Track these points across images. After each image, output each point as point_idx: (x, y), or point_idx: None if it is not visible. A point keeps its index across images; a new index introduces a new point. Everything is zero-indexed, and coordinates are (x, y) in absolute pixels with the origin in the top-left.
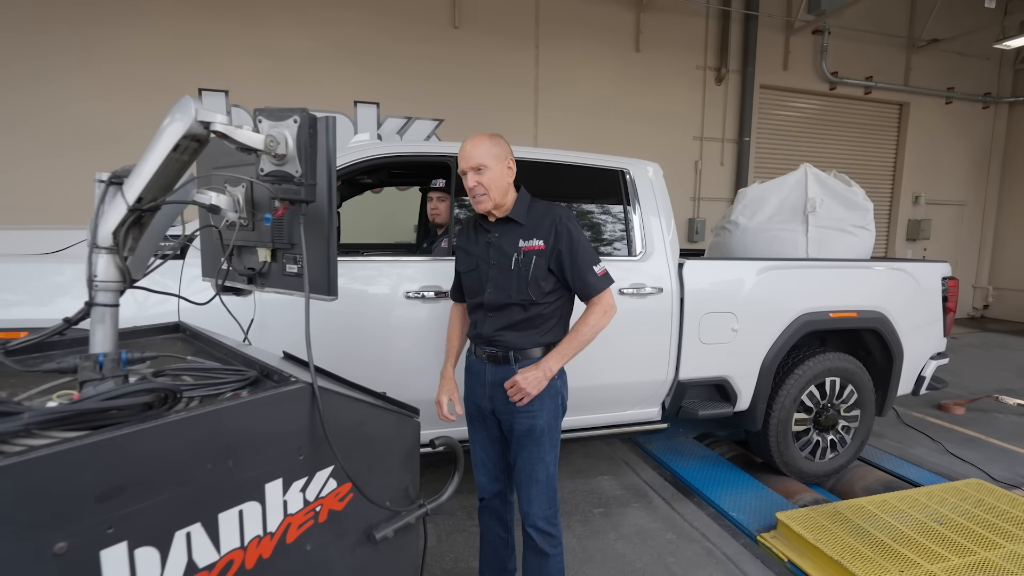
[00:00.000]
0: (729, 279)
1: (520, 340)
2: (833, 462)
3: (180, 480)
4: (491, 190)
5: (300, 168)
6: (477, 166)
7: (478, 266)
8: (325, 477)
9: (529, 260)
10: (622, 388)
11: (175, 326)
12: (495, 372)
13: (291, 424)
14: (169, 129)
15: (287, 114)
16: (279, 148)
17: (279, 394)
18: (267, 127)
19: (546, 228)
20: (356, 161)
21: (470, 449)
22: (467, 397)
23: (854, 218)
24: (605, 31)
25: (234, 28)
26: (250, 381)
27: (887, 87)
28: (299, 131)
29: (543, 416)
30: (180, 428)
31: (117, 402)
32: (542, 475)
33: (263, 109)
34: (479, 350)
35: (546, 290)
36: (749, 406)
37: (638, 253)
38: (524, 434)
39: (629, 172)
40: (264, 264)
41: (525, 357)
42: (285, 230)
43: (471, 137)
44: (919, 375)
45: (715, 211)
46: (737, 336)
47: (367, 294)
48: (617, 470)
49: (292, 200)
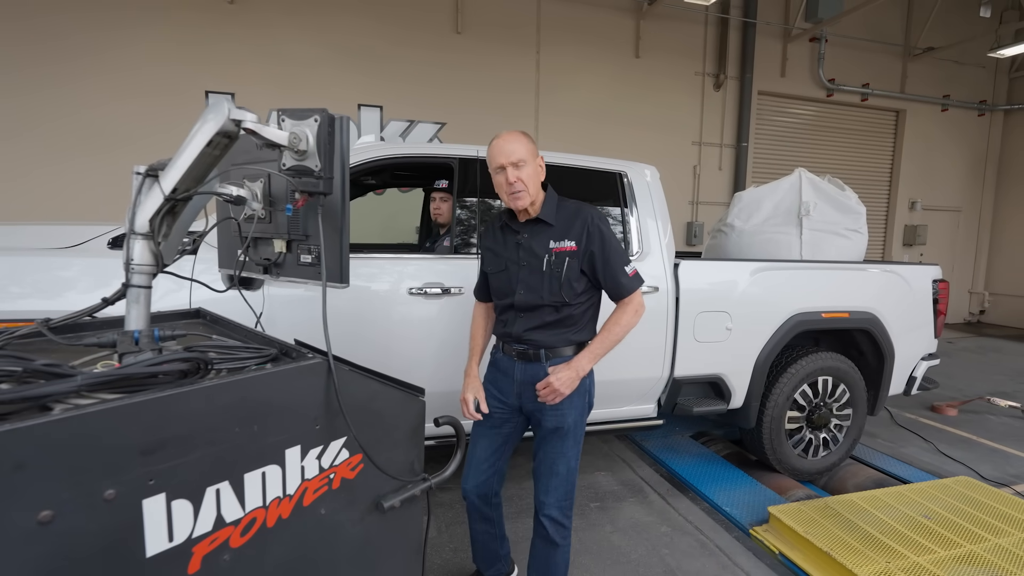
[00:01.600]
0: (723, 279)
1: (551, 339)
2: (826, 460)
3: (212, 440)
4: (528, 185)
5: (319, 163)
6: (517, 161)
7: (507, 267)
8: (339, 447)
9: (562, 262)
10: (619, 384)
11: (196, 312)
12: (525, 369)
13: (309, 396)
14: (205, 126)
15: (308, 114)
16: (301, 144)
17: (299, 367)
18: (290, 125)
19: (578, 229)
20: (363, 162)
21: (469, 448)
22: (488, 393)
23: (847, 221)
24: (605, 38)
25: (240, 33)
26: (271, 357)
27: (883, 94)
28: (319, 129)
29: (572, 414)
30: (212, 393)
31: (159, 368)
32: (562, 469)
33: (285, 110)
34: (508, 347)
35: (578, 291)
36: (743, 404)
37: (635, 254)
38: (551, 431)
39: (627, 175)
40: (280, 255)
41: (556, 355)
42: (301, 222)
43: (504, 133)
44: (910, 375)
45: (713, 215)
46: (731, 335)
47: (370, 289)
48: (614, 467)
49: (311, 192)
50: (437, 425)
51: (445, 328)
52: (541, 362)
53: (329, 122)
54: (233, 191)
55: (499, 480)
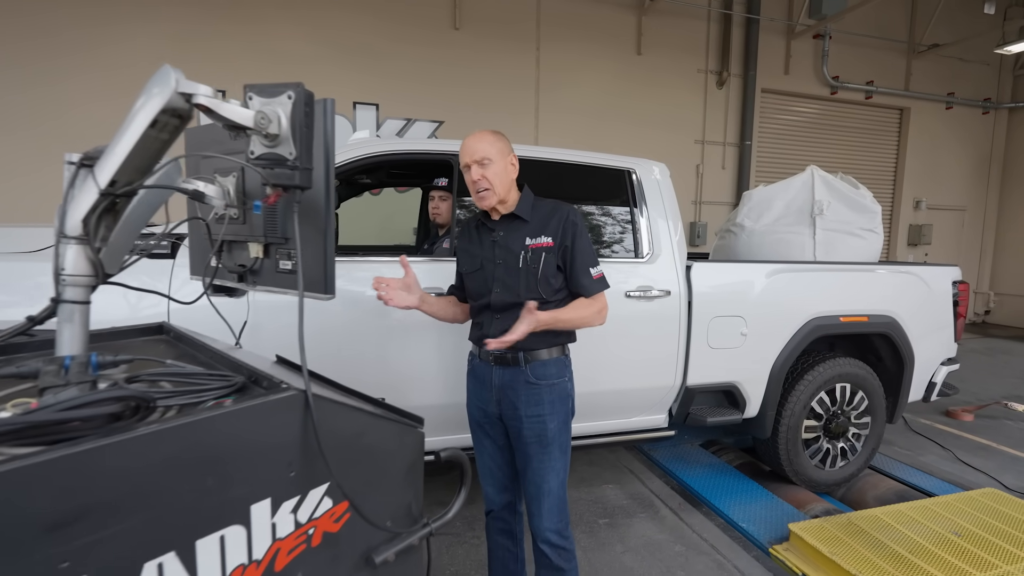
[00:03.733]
0: (738, 282)
1: (530, 340)
2: (844, 470)
3: (151, 503)
4: (495, 184)
5: (294, 150)
6: (481, 159)
7: (483, 266)
8: (319, 496)
9: (538, 257)
10: (628, 394)
11: (159, 327)
12: (503, 375)
13: (281, 436)
14: (148, 103)
15: (280, 90)
16: (271, 127)
17: (268, 403)
18: (259, 104)
19: (554, 224)
20: (355, 159)
21: (476, 459)
22: (471, 403)
23: (862, 221)
24: (606, 34)
25: (234, 30)
26: (236, 388)
27: (888, 92)
28: (294, 108)
29: (553, 420)
30: (152, 442)
31: (78, 412)
32: (553, 484)
33: (254, 85)
34: (484, 352)
35: (556, 287)
36: (758, 413)
37: (645, 255)
38: (533, 441)
39: (635, 172)
40: (256, 260)
41: (535, 358)
42: (279, 222)
43: (474, 132)
44: (930, 381)
45: (716, 214)
46: (746, 340)
47: (365, 296)
48: (622, 478)
49: (285, 186)
50: (438, 459)
51: (444, 336)
52: (520, 366)
53: (306, 100)
54: (192, 186)
55: (519, 485)
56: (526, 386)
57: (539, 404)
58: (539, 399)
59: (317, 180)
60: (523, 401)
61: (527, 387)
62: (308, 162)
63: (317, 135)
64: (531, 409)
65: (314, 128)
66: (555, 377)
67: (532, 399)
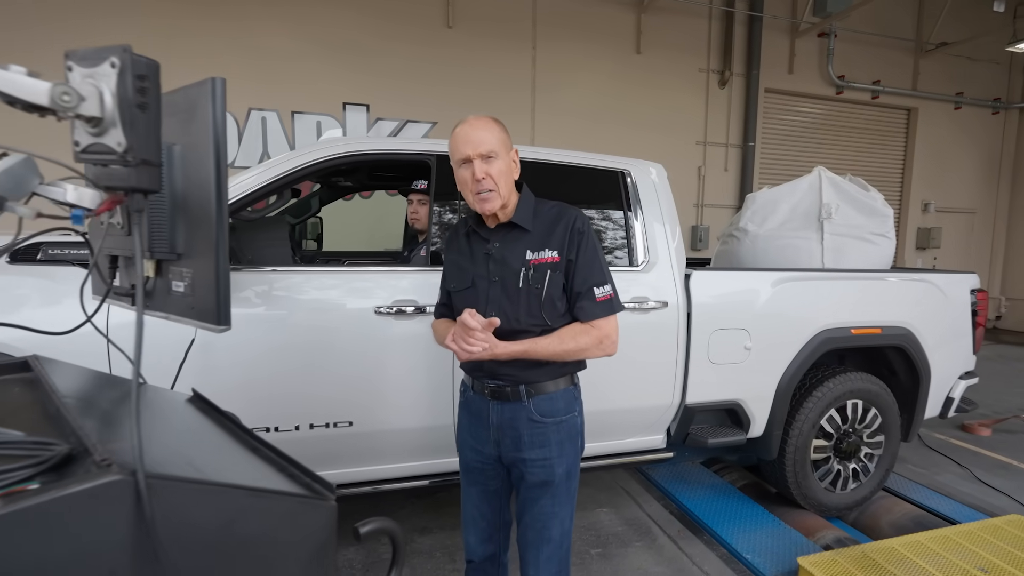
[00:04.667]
0: (741, 291)
1: (532, 372)
2: (856, 493)
3: None
4: (500, 184)
5: (123, 140)
6: (486, 153)
7: (475, 283)
8: None
9: (542, 275)
10: (621, 414)
11: (23, 364)
12: (501, 411)
13: (100, 540)
14: None
15: (103, 55)
16: (85, 107)
17: (77, 494)
18: (79, 77)
19: (560, 234)
20: (322, 159)
21: (461, 504)
22: (463, 442)
23: (873, 225)
24: (605, 33)
25: (218, 26)
26: (51, 464)
27: (895, 92)
28: (119, 82)
29: (562, 464)
30: None
31: None
32: (555, 532)
33: (76, 51)
34: (479, 384)
35: (562, 311)
36: (763, 432)
37: (640, 263)
38: (537, 486)
39: (630, 174)
40: (147, 280)
41: (539, 391)
42: (167, 233)
43: (469, 119)
44: (947, 396)
45: (719, 218)
46: (750, 355)
47: (332, 308)
48: (617, 501)
49: (123, 189)
50: (357, 538)
51: (421, 353)
52: (521, 400)
53: (138, 69)
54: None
55: (505, 536)
56: (529, 424)
57: (545, 446)
58: (544, 440)
59: (205, 182)
60: (526, 442)
61: (530, 426)
62: (150, 155)
63: (203, 121)
64: (535, 452)
65: (149, 106)
66: (563, 413)
67: (536, 440)
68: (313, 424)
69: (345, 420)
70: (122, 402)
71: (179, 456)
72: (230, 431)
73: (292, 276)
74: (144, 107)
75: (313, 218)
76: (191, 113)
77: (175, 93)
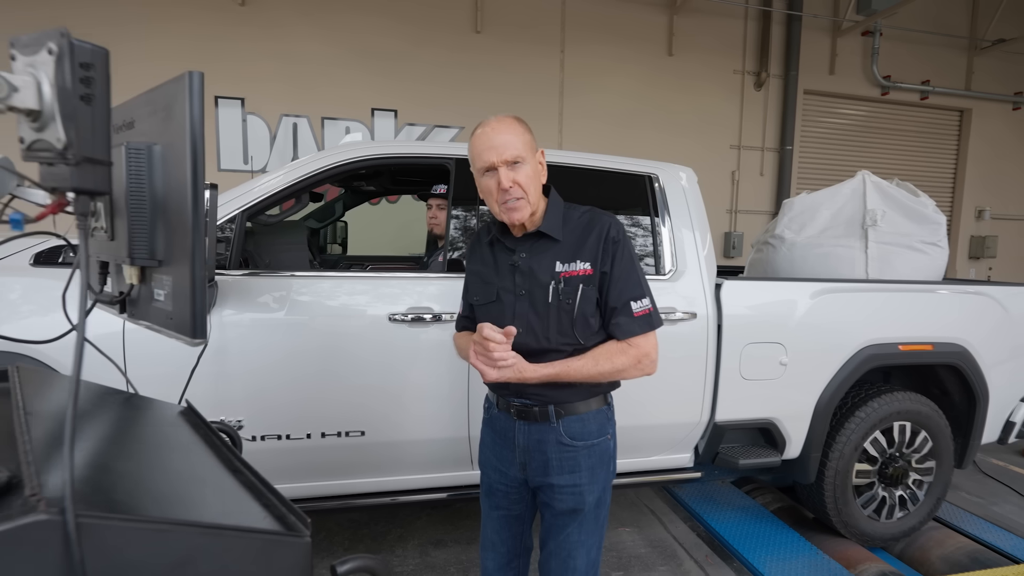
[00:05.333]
0: (777, 302)
1: (561, 392)
2: (903, 523)
3: None
4: (529, 191)
5: (62, 135)
6: (512, 159)
7: (499, 297)
8: None
9: (574, 289)
10: (647, 430)
11: (3, 373)
12: (528, 433)
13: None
14: None
15: (41, 41)
16: (19, 99)
17: None
18: (22, 65)
19: (592, 244)
20: (336, 164)
21: (481, 524)
22: (486, 462)
23: (923, 233)
24: (635, 35)
25: (251, 35)
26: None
27: (946, 92)
28: (57, 70)
29: (593, 491)
30: None
31: None
32: (581, 563)
33: (20, 38)
34: (503, 402)
35: (595, 328)
36: (800, 454)
37: (668, 272)
38: (565, 513)
39: (658, 178)
40: (131, 287)
41: (570, 412)
42: (146, 237)
43: (490, 121)
44: (1007, 420)
45: (753, 224)
46: (786, 371)
47: (345, 314)
48: (641, 521)
49: (65, 190)
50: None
51: (437, 362)
52: (550, 422)
53: (80, 55)
54: None
55: (524, 563)
56: (558, 448)
57: (575, 471)
58: (575, 465)
59: (181, 183)
60: (554, 467)
61: (559, 449)
62: (95, 152)
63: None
64: (564, 477)
65: (105, 101)
66: (595, 436)
67: (566, 465)
68: (325, 432)
69: (357, 429)
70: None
71: (137, 484)
72: (214, 449)
73: (309, 281)
74: (88, 99)
75: (338, 222)
76: (169, 111)
77: (155, 91)
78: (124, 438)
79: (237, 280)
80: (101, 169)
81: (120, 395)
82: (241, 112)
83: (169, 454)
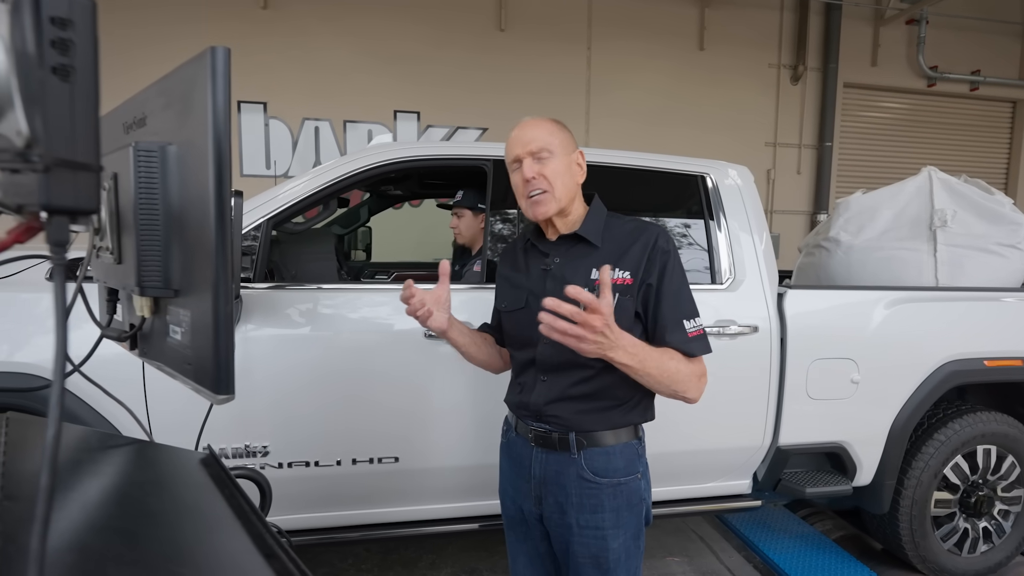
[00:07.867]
0: (848, 314)
1: (587, 418)
2: (988, 557)
3: None
4: (555, 186)
5: (23, 127)
6: (538, 151)
7: (528, 304)
8: None
9: None
10: (701, 455)
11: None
12: (546, 462)
13: None
14: None
15: None
16: None
17: None
18: None
19: (636, 254)
20: (368, 167)
21: (509, 560)
22: (504, 491)
23: (1000, 235)
24: (665, 30)
25: (274, 41)
26: None
27: (998, 82)
28: (14, 28)
29: (617, 536)
30: None
31: None
32: None
33: None
34: (522, 426)
35: None
36: (873, 481)
37: (725, 281)
38: (586, 561)
39: (710, 177)
40: (143, 320)
41: (593, 444)
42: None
43: (525, 120)
44: None
45: (791, 225)
46: (858, 389)
47: (378, 329)
48: (690, 548)
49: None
50: None
51: (477, 383)
52: (570, 451)
53: (53, 7)
54: None
55: None
56: (579, 483)
57: (597, 511)
58: (597, 504)
59: (203, 192)
60: (574, 504)
61: (579, 484)
62: (73, 151)
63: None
64: (585, 517)
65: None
66: (622, 473)
67: (587, 503)
68: (356, 459)
69: (391, 455)
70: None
71: (119, 559)
72: (232, 504)
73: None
74: (65, 72)
75: (363, 228)
76: (187, 102)
77: (169, 77)
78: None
79: (262, 294)
80: (85, 177)
81: (128, 444)
82: (264, 116)
83: (175, 514)
